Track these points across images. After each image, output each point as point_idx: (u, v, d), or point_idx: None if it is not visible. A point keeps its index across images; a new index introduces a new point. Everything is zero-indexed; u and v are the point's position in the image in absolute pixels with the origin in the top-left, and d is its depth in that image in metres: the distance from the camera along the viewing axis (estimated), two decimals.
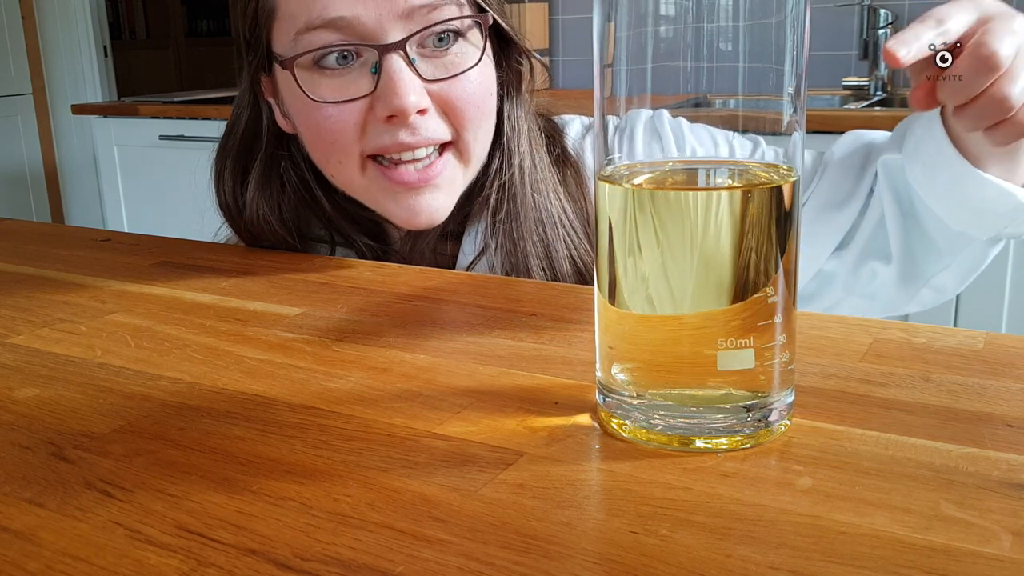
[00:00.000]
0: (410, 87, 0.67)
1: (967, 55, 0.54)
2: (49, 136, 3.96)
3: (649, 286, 0.39)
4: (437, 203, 0.71)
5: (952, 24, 0.55)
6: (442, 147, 0.71)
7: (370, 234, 0.79)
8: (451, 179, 0.72)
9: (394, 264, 0.73)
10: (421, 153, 0.69)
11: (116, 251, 0.81)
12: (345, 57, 0.68)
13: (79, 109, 2.89)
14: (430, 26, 0.68)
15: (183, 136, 2.54)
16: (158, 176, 2.62)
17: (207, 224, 0.84)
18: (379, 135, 0.69)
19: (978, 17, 0.55)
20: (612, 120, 0.72)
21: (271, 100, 0.76)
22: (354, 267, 0.72)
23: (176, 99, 2.68)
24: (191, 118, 2.53)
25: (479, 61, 0.70)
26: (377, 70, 0.67)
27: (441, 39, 0.69)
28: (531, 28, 2.47)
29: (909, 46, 0.53)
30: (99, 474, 0.38)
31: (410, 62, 0.67)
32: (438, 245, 0.78)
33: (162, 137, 2.59)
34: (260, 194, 0.76)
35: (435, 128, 0.69)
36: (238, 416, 0.44)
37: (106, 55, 3.83)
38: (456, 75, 0.69)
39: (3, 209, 3.75)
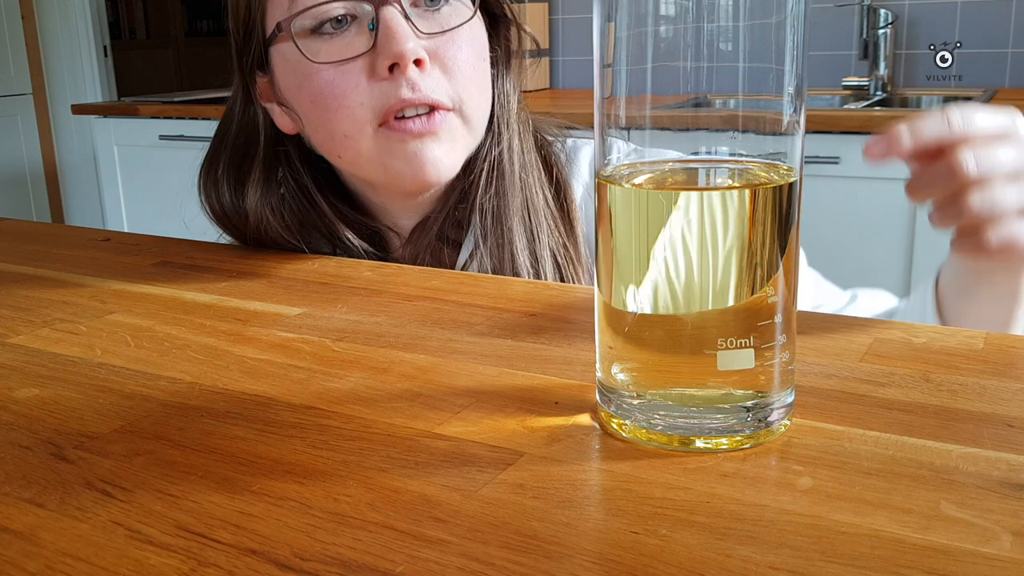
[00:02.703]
0: (408, 35, 0.68)
1: (942, 161, 0.51)
2: (49, 136, 3.96)
3: (649, 286, 0.39)
4: (441, 153, 0.71)
5: (976, 119, 0.51)
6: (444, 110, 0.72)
7: (370, 241, 0.79)
8: (452, 133, 0.72)
9: (394, 264, 0.73)
10: (423, 110, 0.70)
11: (116, 251, 0.80)
12: (340, 21, 0.69)
13: (79, 109, 2.89)
14: None
15: (183, 136, 2.54)
16: (158, 176, 2.62)
17: (200, 223, 0.84)
18: (382, 94, 0.69)
19: (1005, 131, 0.51)
20: (569, 141, 0.74)
21: (268, 105, 0.76)
22: (354, 267, 0.72)
23: (176, 99, 2.68)
24: (191, 118, 2.53)
25: (470, 19, 0.72)
26: (374, 26, 0.69)
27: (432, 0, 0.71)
28: (531, 28, 2.47)
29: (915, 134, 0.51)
30: (99, 474, 0.38)
31: (406, 15, 0.69)
32: (436, 251, 0.78)
33: (162, 137, 2.59)
34: (263, 200, 0.76)
35: (434, 87, 0.70)
36: (238, 416, 0.44)
37: (106, 55, 3.83)
38: (449, 30, 0.71)
39: (3, 209, 3.75)
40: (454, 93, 0.71)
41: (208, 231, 0.84)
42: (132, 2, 5.45)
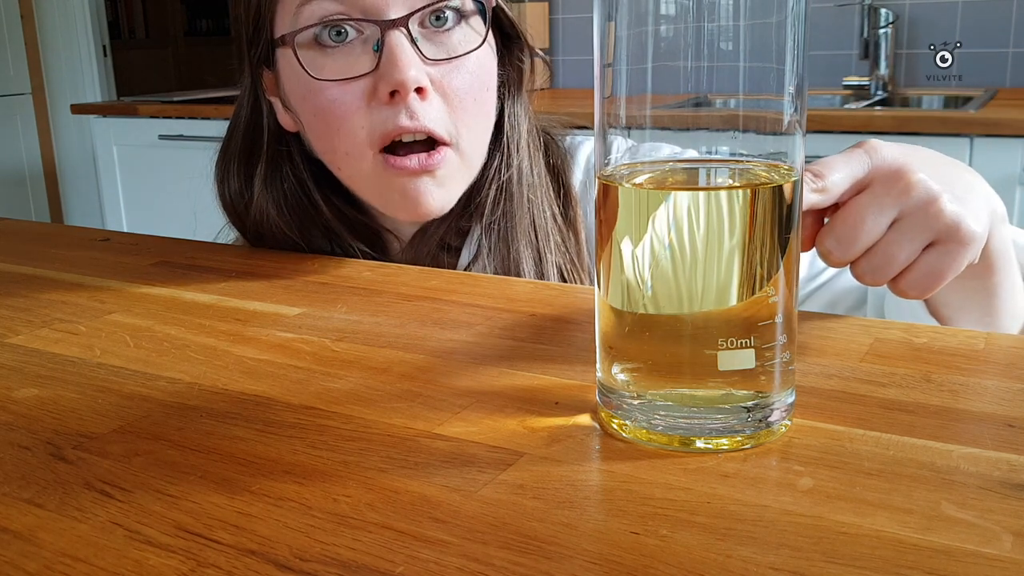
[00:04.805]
0: (411, 62, 0.67)
1: (832, 226, 0.49)
2: (48, 136, 3.96)
3: (649, 286, 0.39)
4: (437, 192, 0.71)
5: (832, 180, 0.48)
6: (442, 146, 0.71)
7: (368, 242, 0.78)
8: (449, 171, 0.71)
9: (394, 264, 0.73)
10: (421, 137, 0.69)
11: (115, 251, 0.80)
12: (342, 33, 0.68)
13: (78, 109, 2.90)
14: (433, 3, 0.68)
15: (182, 136, 2.54)
16: (157, 176, 2.62)
17: (200, 223, 0.84)
18: (381, 120, 0.68)
19: (866, 172, 0.49)
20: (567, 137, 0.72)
21: (272, 99, 0.76)
22: (354, 267, 0.72)
23: (175, 99, 2.68)
24: (190, 118, 2.53)
25: (480, 46, 0.70)
26: (379, 47, 0.67)
27: (440, 18, 0.69)
28: (531, 28, 2.47)
29: None
30: (98, 474, 0.38)
31: (412, 40, 0.67)
32: (436, 257, 0.77)
33: (161, 137, 2.59)
34: (266, 194, 0.76)
35: (433, 117, 0.68)
36: (237, 416, 0.44)
37: (105, 54, 3.83)
38: (456, 57, 0.69)
39: (2, 209, 3.75)
40: (452, 127, 0.70)
41: (208, 229, 0.84)
42: (131, 2, 5.45)
